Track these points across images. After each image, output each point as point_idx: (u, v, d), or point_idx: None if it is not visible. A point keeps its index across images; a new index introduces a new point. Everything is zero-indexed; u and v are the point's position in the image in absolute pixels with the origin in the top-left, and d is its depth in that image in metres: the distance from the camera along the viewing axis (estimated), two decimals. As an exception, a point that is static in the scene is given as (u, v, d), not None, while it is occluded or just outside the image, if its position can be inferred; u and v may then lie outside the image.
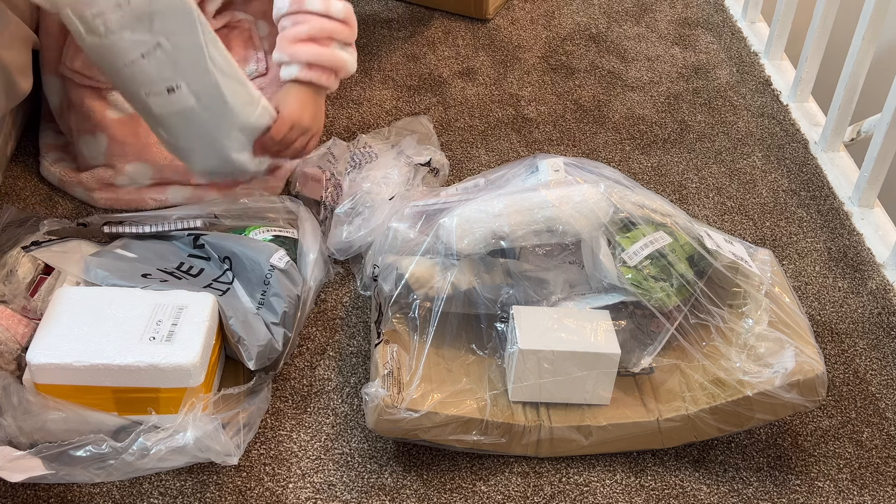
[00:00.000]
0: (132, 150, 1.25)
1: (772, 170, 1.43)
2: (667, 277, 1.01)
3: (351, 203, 1.22)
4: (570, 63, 1.63)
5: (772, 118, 1.53)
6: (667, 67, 1.64)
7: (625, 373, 1.02)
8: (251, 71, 1.29)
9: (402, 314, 1.04)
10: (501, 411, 0.99)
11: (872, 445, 1.05)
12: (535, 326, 1.00)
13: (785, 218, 1.35)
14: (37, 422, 0.94)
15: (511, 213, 1.03)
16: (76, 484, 0.96)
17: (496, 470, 1.00)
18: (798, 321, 1.02)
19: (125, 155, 1.25)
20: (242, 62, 1.29)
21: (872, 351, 1.16)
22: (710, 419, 0.98)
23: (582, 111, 1.52)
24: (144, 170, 1.26)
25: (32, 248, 1.09)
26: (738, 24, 1.75)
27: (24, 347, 1.00)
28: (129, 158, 1.25)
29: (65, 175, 1.29)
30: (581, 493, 0.99)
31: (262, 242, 1.13)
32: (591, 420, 1.00)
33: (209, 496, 0.96)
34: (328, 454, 1.01)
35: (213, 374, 1.01)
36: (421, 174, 1.29)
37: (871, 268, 1.27)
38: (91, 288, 1.05)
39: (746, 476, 1.01)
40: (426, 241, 1.06)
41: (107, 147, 1.26)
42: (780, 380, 0.96)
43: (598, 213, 1.03)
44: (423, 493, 0.98)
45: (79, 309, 1.00)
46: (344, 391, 1.07)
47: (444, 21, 1.71)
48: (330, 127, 1.44)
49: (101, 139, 1.26)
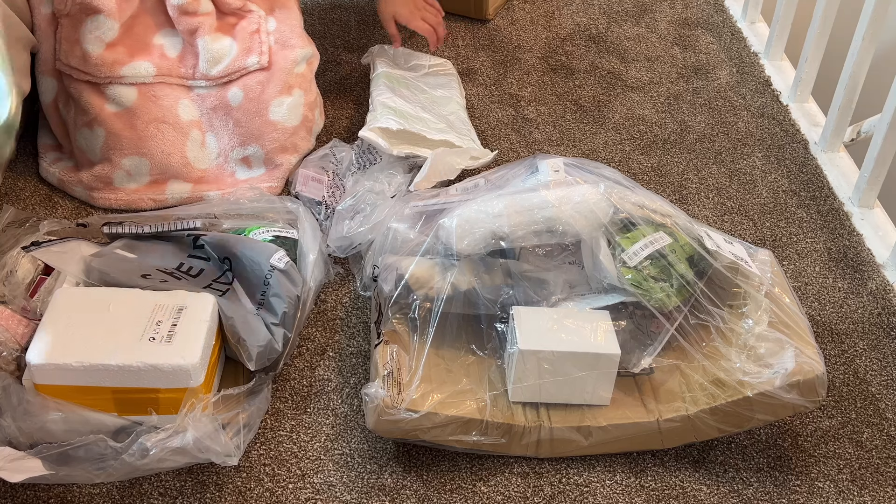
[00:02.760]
0: (128, 143, 1.26)
1: (772, 170, 1.43)
2: (667, 278, 1.01)
3: (353, 200, 1.22)
4: (570, 63, 1.63)
5: (772, 118, 1.53)
6: (667, 68, 1.64)
7: (625, 373, 1.02)
8: (252, 63, 1.30)
9: (402, 315, 1.04)
10: (501, 412, 0.99)
11: (872, 446, 1.05)
12: (535, 327, 1.00)
13: (785, 218, 1.34)
14: (37, 422, 0.94)
15: (511, 213, 1.03)
16: (76, 484, 0.96)
17: (496, 470, 1.00)
18: (798, 322, 1.02)
19: (122, 148, 1.26)
20: (245, 53, 1.30)
21: (872, 351, 1.16)
22: (710, 420, 0.98)
23: (582, 111, 1.52)
24: (141, 164, 1.26)
25: (32, 248, 1.09)
26: (737, 24, 1.75)
27: (23, 348, 1.00)
28: (126, 152, 1.26)
29: (64, 175, 1.29)
30: (581, 493, 0.99)
31: (262, 243, 1.13)
32: (591, 421, 1.00)
33: (209, 497, 0.96)
34: (328, 455, 1.01)
35: (212, 374, 1.01)
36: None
37: (871, 268, 1.27)
38: (91, 288, 1.05)
39: (746, 476, 1.01)
40: (426, 241, 1.06)
41: (104, 140, 1.26)
42: (780, 380, 0.96)
43: (598, 213, 1.03)
44: (422, 494, 0.98)
45: (79, 309, 1.00)
46: (344, 392, 1.07)
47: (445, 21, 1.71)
48: (330, 127, 1.44)
49: (98, 133, 1.26)
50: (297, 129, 1.32)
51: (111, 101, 1.26)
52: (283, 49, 1.32)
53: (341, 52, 1.63)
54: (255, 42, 1.31)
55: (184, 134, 1.28)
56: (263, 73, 1.30)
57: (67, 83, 1.28)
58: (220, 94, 1.29)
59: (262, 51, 1.30)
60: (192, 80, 1.30)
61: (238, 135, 1.29)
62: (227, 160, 1.31)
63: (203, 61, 1.29)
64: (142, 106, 1.26)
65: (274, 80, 1.29)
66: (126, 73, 1.26)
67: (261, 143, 1.29)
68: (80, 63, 1.26)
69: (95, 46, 1.25)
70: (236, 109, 1.29)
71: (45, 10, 1.26)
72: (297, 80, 1.32)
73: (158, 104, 1.27)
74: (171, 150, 1.27)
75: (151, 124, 1.26)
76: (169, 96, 1.28)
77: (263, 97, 1.29)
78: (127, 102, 1.26)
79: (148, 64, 1.27)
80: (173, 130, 1.27)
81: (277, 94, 1.29)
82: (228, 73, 1.29)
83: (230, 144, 1.30)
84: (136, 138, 1.26)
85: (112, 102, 1.26)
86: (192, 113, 1.29)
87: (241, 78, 1.29)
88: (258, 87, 1.29)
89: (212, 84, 1.29)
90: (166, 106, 1.27)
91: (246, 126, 1.29)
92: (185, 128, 1.28)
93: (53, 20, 1.27)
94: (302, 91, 1.32)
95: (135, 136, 1.26)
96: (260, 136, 1.29)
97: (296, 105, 1.31)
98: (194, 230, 1.15)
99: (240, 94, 1.29)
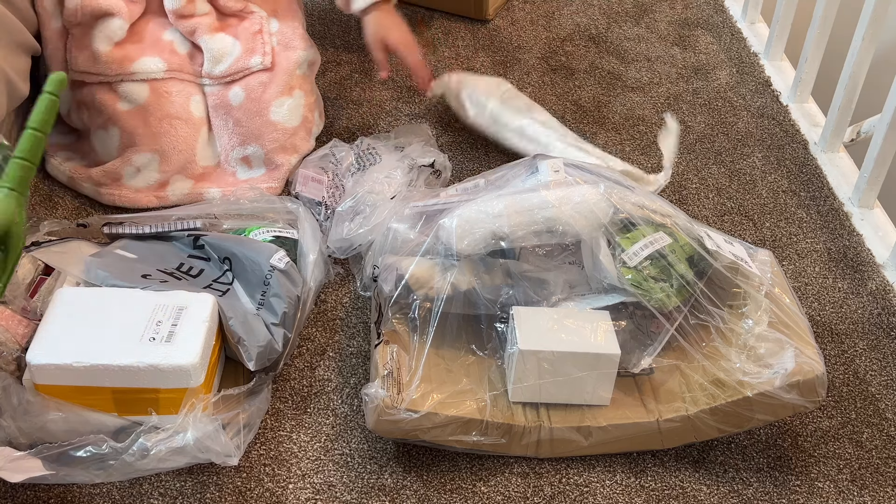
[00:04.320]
0: (142, 140, 1.26)
1: (772, 170, 1.43)
2: (667, 278, 1.01)
3: (353, 202, 1.22)
4: (570, 64, 1.63)
5: (772, 119, 1.53)
6: (666, 68, 1.64)
7: (625, 373, 1.02)
8: (256, 64, 1.30)
9: (402, 315, 1.04)
10: (501, 412, 0.99)
11: (872, 446, 1.05)
12: (535, 327, 1.00)
13: (785, 218, 1.34)
14: (37, 422, 0.94)
15: (511, 213, 1.03)
16: (76, 484, 0.96)
17: (496, 471, 1.00)
18: (798, 322, 1.02)
19: (136, 145, 1.27)
20: (248, 53, 1.30)
21: (872, 352, 1.16)
22: (710, 420, 0.98)
23: (582, 112, 1.52)
24: (152, 160, 1.27)
25: (32, 248, 1.09)
26: (737, 24, 1.75)
27: (23, 348, 1.00)
28: (141, 149, 1.27)
29: (74, 172, 1.30)
30: (581, 493, 0.99)
31: (262, 243, 1.13)
32: (591, 421, 1.00)
33: (209, 497, 0.96)
34: (328, 455, 1.01)
35: (213, 374, 1.01)
36: (423, 175, 1.29)
37: (871, 268, 1.27)
38: (91, 288, 1.05)
39: (746, 477, 1.01)
40: (426, 241, 1.06)
41: (119, 139, 1.27)
42: (780, 380, 0.96)
43: (598, 213, 1.03)
44: (422, 494, 0.98)
45: (79, 309, 1.00)
46: (344, 392, 1.07)
47: (444, 21, 1.71)
48: (330, 127, 1.44)
49: (113, 132, 1.27)
50: (297, 129, 1.32)
51: (124, 98, 1.26)
52: (286, 50, 1.32)
53: (341, 53, 1.63)
54: (258, 43, 1.31)
55: (196, 130, 1.29)
56: (266, 73, 1.30)
57: (80, 88, 1.29)
58: (222, 94, 1.29)
59: (265, 51, 1.31)
60: (201, 77, 1.30)
61: (238, 134, 1.30)
62: (227, 159, 1.31)
63: (206, 60, 1.29)
64: (154, 102, 1.27)
65: (276, 81, 1.30)
66: (137, 70, 1.27)
67: (261, 142, 1.30)
68: (90, 65, 1.26)
69: (104, 45, 1.26)
70: (237, 109, 1.29)
71: (56, 24, 1.27)
72: (298, 81, 1.32)
73: (171, 100, 1.27)
74: (183, 147, 1.28)
75: (165, 120, 1.27)
76: (181, 92, 1.28)
77: (265, 97, 1.29)
78: (139, 99, 1.26)
79: (158, 60, 1.28)
80: (186, 126, 1.28)
81: (278, 94, 1.30)
82: (231, 73, 1.29)
83: (230, 144, 1.30)
84: (150, 134, 1.26)
85: (125, 100, 1.26)
86: (202, 109, 1.30)
87: (244, 78, 1.29)
88: (260, 87, 1.29)
89: (215, 83, 1.30)
90: (179, 102, 1.28)
91: (246, 125, 1.29)
92: (197, 124, 1.29)
93: (64, 32, 1.28)
94: (303, 92, 1.32)
95: (149, 132, 1.26)
96: (260, 136, 1.29)
97: (296, 106, 1.31)
98: (194, 230, 1.15)
99: (241, 93, 1.29)
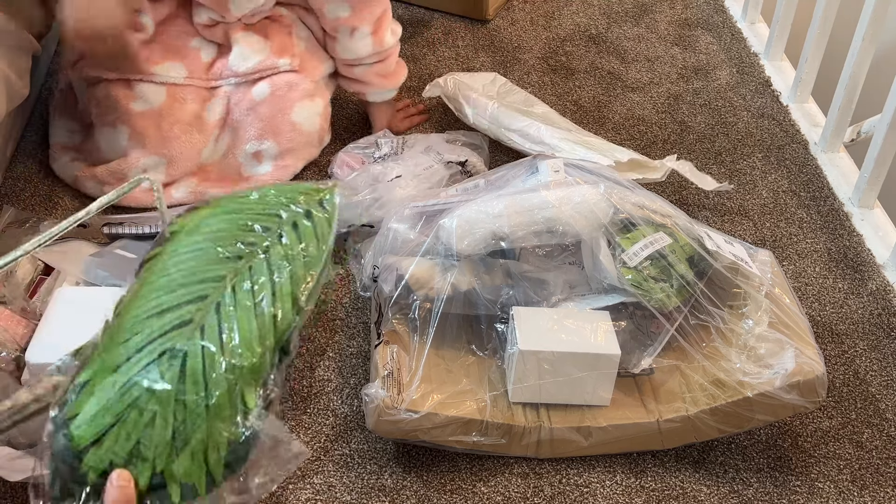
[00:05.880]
0: (151, 143, 1.26)
1: (772, 171, 1.43)
2: (667, 278, 1.01)
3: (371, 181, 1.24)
4: (570, 64, 1.63)
5: (772, 119, 1.53)
6: (667, 68, 1.64)
7: (625, 374, 1.02)
8: (283, 64, 1.30)
9: (402, 315, 1.04)
10: (501, 412, 0.99)
11: (873, 446, 1.05)
12: (535, 327, 1.00)
13: (785, 219, 1.34)
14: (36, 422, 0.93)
15: (511, 213, 1.03)
16: (76, 485, 0.95)
17: (496, 471, 1.00)
18: (798, 322, 1.02)
19: (144, 147, 1.26)
20: (278, 53, 1.31)
21: (872, 352, 1.16)
22: (710, 420, 0.98)
23: (582, 112, 1.52)
24: (159, 164, 1.27)
25: (32, 248, 1.09)
26: (737, 24, 1.75)
27: (23, 348, 1.00)
28: (148, 151, 1.26)
29: (79, 171, 1.29)
30: (581, 494, 0.98)
31: (262, 243, 1.13)
32: (591, 421, 0.99)
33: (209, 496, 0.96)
34: (328, 455, 1.01)
35: (212, 374, 1.01)
36: (451, 172, 1.28)
37: (871, 269, 1.26)
38: (91, 288, 1.05)
39: (746, 477, 1.01)
40: (426, 241, 1.05)
41: (127, 139, 1.26)
42: (780, 381, 0.96)
43: (598, 213, 1.03)
44: (423, 495, 0.97)
45: (78, 309, 0.99)
46: (344, 392, 1.07)
47: (444, 22, 1.71)
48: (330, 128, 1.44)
49: (121, 131, 1.26)
50: (312, 136, 1.33)
51: (139, 98, 1.26)
52: (313, 58, 1.34)
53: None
54: (288, 45, 1.32)
55: (206, 136, 1.29)
56: (293, 74, 1.31)
57: (96, 85, 1.28)
58: (246, 90, 1.30)
59: (293, 53, 1.31)
60: (221, 79, 1.30)
61: (256, 128, 1.30)
62: (238, 152, 1.31)
63: (234, 56, 1.29)
64: (169, 107, 1.26)
65: (303, 84, 1.31)
66: (158, 72, 1.27)
67: (278, 139, 1.30)
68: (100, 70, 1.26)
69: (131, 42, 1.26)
70: (260, 104, 1.29)
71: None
72: (321, 90, 1.34)
73: (185, 107, 1.27)
74: (192, 154, 1.27)
75: (177, 125, 1.27)
76: (196, 98, 1.28)
77: (290, 96, 1.30)
78: (155, 102, 1.26)
79: (180, 66, 1.28)
80: (198, 133, 1.28)
81: (302, 97, 1.31)
82: (259, 70, 1.30)
83: (247, 136, 1.30)
84: (160, 139, 1.26)
85: (139, 100, 1.26)
86: (218, 112, 1.30)
87: (271, 76, 1.30)
88: (286, 86, 1.30)
89: (241, 80, 1.30)
90: (193, 109, 1.28)
91: (267, 121, 1.29)
92: (210, 129, 1.29)
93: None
94: (323, 102, 1.34)
95: (159, 136, 1.26)
96: (278, 132, 1.30)
97: (315, 114, 1.33)
98: (194, 230, 1.15)
99: (267, 89, 1.29)
